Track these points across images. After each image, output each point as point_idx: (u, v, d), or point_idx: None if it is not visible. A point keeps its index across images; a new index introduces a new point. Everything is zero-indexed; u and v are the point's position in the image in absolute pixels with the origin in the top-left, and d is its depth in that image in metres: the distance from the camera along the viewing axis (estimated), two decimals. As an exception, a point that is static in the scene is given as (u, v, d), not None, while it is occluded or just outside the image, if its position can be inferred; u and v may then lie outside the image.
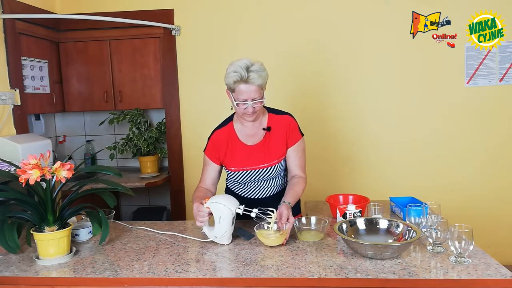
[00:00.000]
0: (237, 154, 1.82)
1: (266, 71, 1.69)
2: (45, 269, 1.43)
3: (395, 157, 3.05)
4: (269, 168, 1.82)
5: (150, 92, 3.17)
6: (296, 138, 1.83)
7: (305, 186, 1.83)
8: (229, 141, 1.83)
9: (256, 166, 1.81)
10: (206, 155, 1.87)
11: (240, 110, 1.71)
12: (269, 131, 1.81)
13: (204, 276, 1.34)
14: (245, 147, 1.82)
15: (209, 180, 1.87)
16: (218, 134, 1.85)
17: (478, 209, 3.00)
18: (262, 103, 1.70)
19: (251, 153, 1.81)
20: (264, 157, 1.80)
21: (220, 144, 1.83)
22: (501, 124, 2.97)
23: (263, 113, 1.83)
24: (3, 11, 2.45)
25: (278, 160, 1.82)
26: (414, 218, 1.63)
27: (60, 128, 3.56)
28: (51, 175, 1.43)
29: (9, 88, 2.50)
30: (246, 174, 1.83)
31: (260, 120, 1.82)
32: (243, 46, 3.02)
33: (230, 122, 1.86)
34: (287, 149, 1.83)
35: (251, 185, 1.87)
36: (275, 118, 1.83)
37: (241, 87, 1.64)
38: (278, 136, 1.81)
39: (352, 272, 1.32)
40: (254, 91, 1.64)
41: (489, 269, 1.32)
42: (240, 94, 1.66)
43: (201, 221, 1.61)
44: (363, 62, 2.99)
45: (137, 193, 2.90)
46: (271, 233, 1.57)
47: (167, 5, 3.03)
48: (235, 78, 1.63)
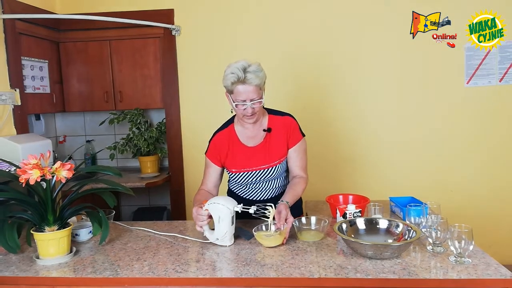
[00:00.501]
0: (238, 156, 1.82)
1: (263, 72, 1.70)
2: (45, 269, 1.43)
3: (395, 157, 3.05)
4: (270, 169, 1.82)
5: (150, 92, 3.17)
6: (297, 138, 1.83)
7: (305, 186, 1.84)
8: (230, 143, 1.83)
9: (256, 167, 1.82)
10: (207, 157, 1.88)
11: (240, 111, 1.71)
12: (270, 132, 1.81)
13: (204, 276, 1.34)
14: (246, 149, 1.82)
15: (211, 182, 1.88)
16: (219, 136, 1.86)
17: (478, 209, 3.00)
18: (260, 104, 1.71)
19: (251, 154, 1.81)
20: (265, 158, 1.81)
21: (221, 146, 1.84)
22: (501, 124, 2.97)
23: (263, 115, 1.83)
24: (3, 11, 2.45)
25: (279, 161, 1.82)
26: (414, 218, 1.63)
27: (60, 128, 3.56)
28: (51, 175, 1.44)
29: (9, 88, 2.50)
30: (247, 175, 1.84)
31: (260, 122, 1.83)
32: (243, 46, 3.03)
33: (231, 124, 1.87)
34: (288, 150, 1.83)
35: (252, 186, 1.88)
36: (275, 119, 1.83)
37: (239, 88, 1.65)
38: (279, 137, 1.81)
39: (352, 272, 1.32)
40: (252, 91, 1.65)
41: (489, 269, 1.32)
42: (238, 95, 1.67)
43: (200, 225, 1.61)
44: (363, 62, 2.99)
45: (137, 193, 2.91)
46: (269, 234, 1.58)
47: (167, 5, 3.03)
48: (232, 80, 1.64)
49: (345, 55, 2.99)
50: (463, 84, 2.94)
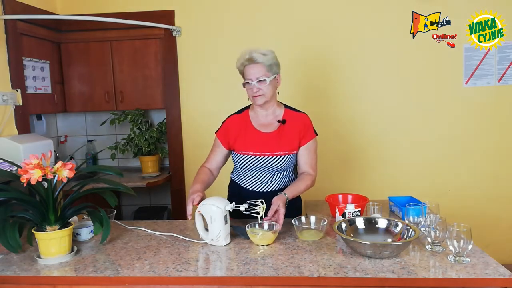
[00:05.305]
0: (249, 139, 1.87)
1: (272, 55, 1.80)
2: (46, 268, 1.44)
3: (394, 157, 3.06)
4: (278, 157, 1.83)
5: (151, 92, 3.18)
6: (310, 137, 1.87)
7: (310, 183, 1.86)
8: (242, 127, 1.89)
9: (265, 153, 1.84)
10: (216, 137, 1.95)
11: (248, 92, 1.81)
12: (284, 124, 1.86)
13: (204, 275, 1.35)
14: (258, 133, 1.87)
15: (215, 162, 1.95)
16: (232, 119, 1.94)
17: (476, 208, 3.01)
18: (266, 83, 1.77)
19: (263, 140, 1.85)
20: (275, 146, 1.84)
21: (232, 129, 1.90)
22: (499, 124, 2.97)
23: (278, 107, 1.90)
24: (5, 11, 2.46)
25: (288, 153, 1.84)
26: (413, 217, 1.64)
27: (62, 128, 3.57)
28: (53, 174, 1.44)
29: (10, 89, 2.52)
30: (254, 159, 1.85)
31: (275, 112, 1.88)
32: (243, 46, 3.02)
33: (246, 110, 1.94)
34: (299, 147, 1.86)
35: (256, 174, 1.89)
36: (291, 114, 1.90)
37: (247, 67, 1.79)
38: (292, 131, 1.85)
39: (351, 271, 1.32)
40: (258, 69, 1.77)
41: (487, 268, 1.32)
42: (247, 75, 1.80)
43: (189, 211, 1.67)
44: (363, 62, 2.99)
45: (138, 192, 2.93)
46: (257, 232, 1.60)
47: (168, 6, 3.04)
48: (242, 60, 1.80)
49: (344, 55, 2.99)
50: (462, 84, 2.95)
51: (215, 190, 1.94)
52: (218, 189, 2.00)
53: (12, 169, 1.87)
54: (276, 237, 1.61)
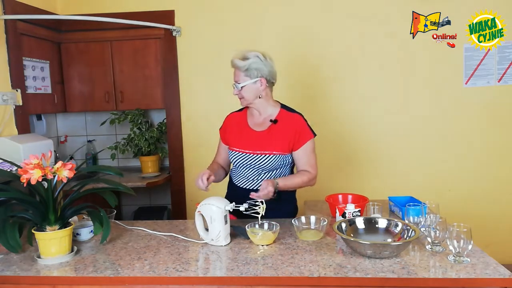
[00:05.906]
0: (243, 137, 1.91)
1: (253, 59, 1.80)
2: (46, 268, 1.44)
3: (393, 157, 3.06)
4: (269, 156, 1.85)
5: (151, 92, 3.18)
6: (305, 138, 1.87)
7: (307, 179, 1.85)
8: (239, 124, 1.96)
9: (255, 151, 1.87)
10: (219, 133, 2.06)
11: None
12: (275, 124, 1.87)
13: (204, 275, 1.35)
14: (251, 132, 1.91)
15: (221, 159, 2.05)
16: (231, 116, 2.03)
17: (476, 208, 3.01)
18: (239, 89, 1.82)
19: (255, 138, 1.88)
20: (266, 145, 1.86)
21: (230, 125, 1.99)
22: (499, 124, 2.97)
23: (274, 106, 1.92)
24: (5, 11, 2.46)
25: (278, 153, 1.85)
26: (413, 217, 1.64)
27: (62, 128, 3.57)
28: (53, 174, 1.44)
29: (10, 89, 2.51)
30: (243, 156, 1.89)
31: (268, 111, 1.91)
32: (243, 46, 3.02)
33: (245, 108, 1.98)
34: (291, 150, 1.86)
35: (246, 172, 1.91)
36: (285, 114, 1.90)
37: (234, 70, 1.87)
38: (284, 131, 1.86)
39: (351, 271, 1.32)
40: (236, 74, 1.84)
41: (487, 268, 1.32)
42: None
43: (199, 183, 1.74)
44: (363, 62, 2.99)
45: (138, 192, 2.92)
46: (257, 232, 1.60)
47: (168, 6, 3.04)
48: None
49: (344, 55, 2.99)
50: (462, 84, 2.95)
51: (215, 190, 1.94)
52: (218, 189, 2.00)
53: (12, 169, 1.87)
54: (276, 237, 1.61)
